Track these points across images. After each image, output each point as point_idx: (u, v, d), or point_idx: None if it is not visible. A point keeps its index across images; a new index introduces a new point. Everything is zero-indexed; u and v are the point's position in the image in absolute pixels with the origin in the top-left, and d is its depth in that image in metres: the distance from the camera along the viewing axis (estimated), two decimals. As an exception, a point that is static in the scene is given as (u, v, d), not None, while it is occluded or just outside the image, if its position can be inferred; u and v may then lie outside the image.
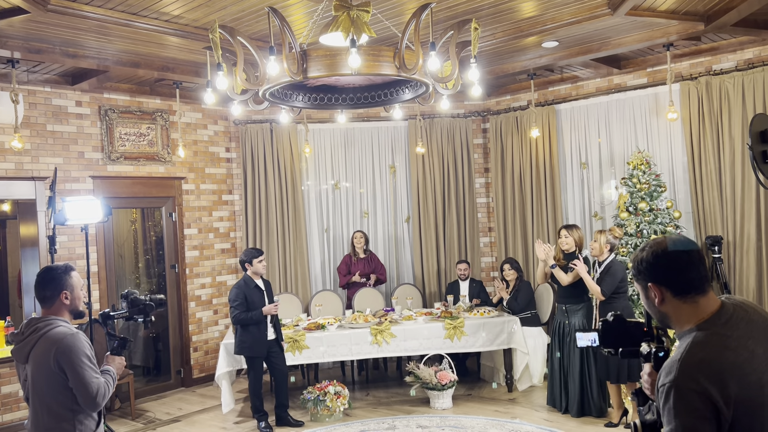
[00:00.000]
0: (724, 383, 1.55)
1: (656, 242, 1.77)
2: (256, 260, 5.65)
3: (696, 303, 1.72)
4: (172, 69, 6.13)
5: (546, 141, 7.51)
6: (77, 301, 2.80)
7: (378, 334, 6.08)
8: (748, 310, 1.73)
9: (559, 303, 5.70)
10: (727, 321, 1.68)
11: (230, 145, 7.84)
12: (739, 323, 1.68)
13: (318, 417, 5.79)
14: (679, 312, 1.73)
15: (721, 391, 1.55)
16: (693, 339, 1.66)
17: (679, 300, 1.73)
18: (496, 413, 5.76)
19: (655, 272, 1.74)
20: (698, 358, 1.60)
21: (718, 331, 1.66)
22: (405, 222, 8.17)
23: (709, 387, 1.55)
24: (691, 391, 1.55)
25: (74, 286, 2.79)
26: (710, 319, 1.68)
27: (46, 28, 4.85)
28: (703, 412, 1.54)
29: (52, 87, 6.32)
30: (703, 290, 1.72)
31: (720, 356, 1.60)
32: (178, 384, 7.27)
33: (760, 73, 5.94)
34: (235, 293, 5.58)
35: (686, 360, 1.60)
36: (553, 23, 5.45)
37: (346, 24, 3.40)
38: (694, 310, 1.71)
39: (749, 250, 6.03)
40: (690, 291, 1.71)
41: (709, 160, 6.29)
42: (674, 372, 1.59)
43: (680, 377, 1.58)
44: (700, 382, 1.55)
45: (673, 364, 1.62)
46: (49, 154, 6.31)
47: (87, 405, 2.68)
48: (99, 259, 6.62)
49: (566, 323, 5.55)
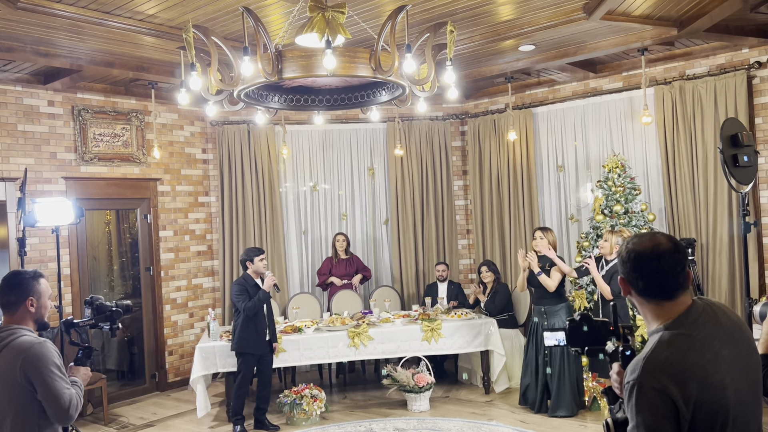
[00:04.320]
0: (685, 383, 1.58)
1: (637, 240, 1.77)
2: (257, 258, 5.62)
3: (660, 305, 1.73)
4: (147, 69, 6.05)
5: (523, 144, 7.55)
6: (43, 310, 2.64)
7: (355, 336, 6.06)
8: (717, 311, 1.74)
9: (537, 304, 5.72)
10: (694, 321, 1.69)
11: (207, 146, 7.77)
12: (707, 324, 1.69)
13: (294, 421, 5.75)
14: (644, 308, 1.77)
15: (681, 391, 1.57)
16: (659, 338, 1.68)
17: (642, 298, 1.76)
18: (473, 415, 5.77)
19: (624, 269, 1.78)
20: (662, 358, 1.62)
21: (684, 331, 1.67)
22: (383, 224, 8.16)
23: (669, 386, 1.57)
24: (652, 390, 1.58)
25: (41, 294, 2.63)
26: (678, 319, 1.70)
27: (16, 26, 4.75)
28: (663, 410, 1.57)
29: (24, 86, 6.20)
30: (669, 297, 1.72)
31: (683, 356, 1.62)
32: (153, 388, 7.17)
33: (732, 78, 6.04)
34: (238, 288, 5.55)
35: (650, 359, 1.63)
36: (529, 27, 5.48)
37: (321, 25, 3.38)
38: (659, 309, 1.73)
39: (722, 253, 6.12)
40: (653, 296, 1.73)
41: (682, 164, 6.38)
42: (638, 371, 1.62)
43: (643, 375, 1.60)
44: (661, 381, 1.58)
45: (637, 362, 1.65)
46: (19, 155, 6.19)
47: (58, 418, 2.51)
48: (72, 262, 6.51)
49: (545, 324, 5.58)
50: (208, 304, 7.64)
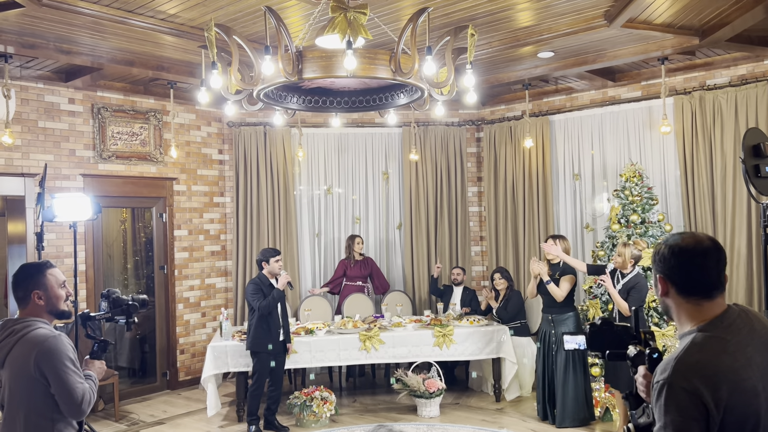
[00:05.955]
0: (717, 386, 1.55)
1: (678, 237, 1.76)
2: (273, 259, 5.64)
3: (699, 305, 1.71)
4: (167, 68, 6.10)
5: (539, 151, 7.52)
6: (55, 301, 2.57)
7: (367, 340, 6.04)
8: (752, 318, 1.72)
9: (545, 312, 5.66)
10: (729, 325, 1.67)
11: (223, 147, 7.81)
12: (741, 329, 1.67)
13: (304, 422, 5.74)
14: (680, 309, 1.74)
15: (713, 394, 1.54)
16: (692, 340, 1.65)
17: (681, 298, 1.73)
18: (484, 423, 5.72)
19: (665, 266, 1.74)
20: (694, 359, 1.60)
21: (719, 334, 1.65)
22: (397, 229, 8.15)
23: (701, 388, 1.54)
24: (683, 390, 1.55)
25: (49, 285, 2.56)
26: (712, 322, 1.68)
27: (40, 23, 4.82)
28: (693, 412, 1.54)
29: (45, 83, 6.28)
30: (709, 296, 1.71)
31: (716, 359, 1.59)
32: (164, 386, 7.19)
33: (753, 89, 5.98)
34: (253, 287, 5.58)
35: (682, 359, 1.61)
36: (549, 33, 5.46)
37: (343, 26, 3.39)
38: (696, 311, 1.71)
39: (740, 265, 6.05)
40: (694, 293, 1.71)
41: (701, 174, 6.32)
42: (669, 370, 1.60)
43: (674, 376, 1.58)
44: (693, 383, 1.55)
45: (669, 362, 1.62)
46: (39, 151, 6.25)
47: (71, 413, 2.48)
48: (87, 258, 6.56)
49: (552, 332, 5.53)
50: (220, 304, 7.67)
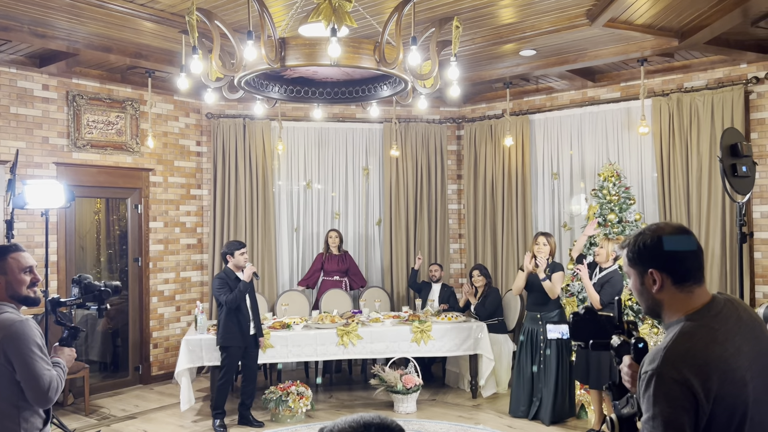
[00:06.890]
0: (707, 376, 1.53)
1: (658, 227, 1.74)
2: (238, 252, 5.55)
3: (691, 292, 1.70)
4: (146, 56, 5.99)
5: (519, 150, 7.55)
6: (16, 286, 2.48)
7: (344, 335, 6.00)
8: (738, 307, 1.71)
9: (531, 311, 5.63)
10: (717, 314, 1.66)
11: (201, 138, 7.70)
12: (729, 318, 1.66)
13: (279, 418, 5.68)
14: (673, 300, 1.71)
15: (703, 384, 1.52)
16: (681, 329, 1.63)
17: (676, 288, 1.70)
18: (460, 419, 5.72)
19: (657, 257, 1.71)
20: (684, 348, 1.58)
21: (707, 323, 1.63)
22: (376, 225, 8.12)
23: (690, 378, 1.52)
24: (673, 381, 1.53)
25: (10, 270, 2.47)
26: (700, 311, 1.67)
27: (14, 4, 4.69)
28: (682, 402, 1.52)
29: (18, 68, 6.11)
30: (699, 280, 1.71)
31: (706, 348, 1.57)
32: (136, 381, 7.06)
33: (729, 92, 6.08)
34: (219, 282, 5.50)
35: (671, 349, 1.58)
36: (532, 31, 5.49)
37: (328, 12, 3.35)
38: (687, 299, 1.69)
39: (713, 266, 6.13)
40: (688, 279, 1.70)
41: (677, 175, 6.40)
42: (658, 360, 1.57)
43: (663, 365, 1.55)
44: (683, 372, 1.53)
45: (657, 352, 1.60)
46: (11, 138, 6.09)
47: (37, 400, 2.42)
48: (59, 249, 6.41)
49: (540, 330, 5.50)
50: (195, 297, 7.56)
